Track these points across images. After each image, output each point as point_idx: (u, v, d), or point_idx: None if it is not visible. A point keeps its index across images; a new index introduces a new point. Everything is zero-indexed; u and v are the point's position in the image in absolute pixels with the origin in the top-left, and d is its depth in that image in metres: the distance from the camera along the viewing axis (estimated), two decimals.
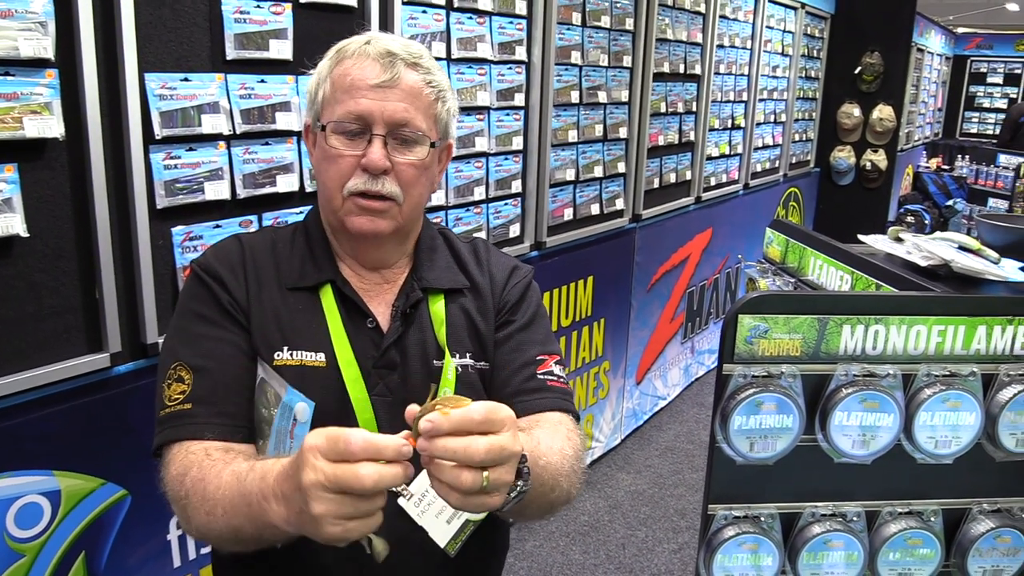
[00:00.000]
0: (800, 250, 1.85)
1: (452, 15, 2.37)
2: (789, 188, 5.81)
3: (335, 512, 0.80)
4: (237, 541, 0.98)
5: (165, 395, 1.11)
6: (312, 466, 0.80)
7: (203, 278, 1.16)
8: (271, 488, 0.88)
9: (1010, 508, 1.36)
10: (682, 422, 4.24)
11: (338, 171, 1.12)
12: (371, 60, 1.11)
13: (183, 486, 1.02)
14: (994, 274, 1.46)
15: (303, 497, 0.81)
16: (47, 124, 1.44)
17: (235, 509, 0.94)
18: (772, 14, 4.92)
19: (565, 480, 1.08)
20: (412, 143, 1.12)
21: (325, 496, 0.79)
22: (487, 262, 1.28)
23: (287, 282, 1.18)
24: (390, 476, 0.80)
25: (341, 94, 1.11)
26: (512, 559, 2.98)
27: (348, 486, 0.79)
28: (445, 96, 1.17)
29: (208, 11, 1.70)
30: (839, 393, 1.26)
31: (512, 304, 1.25)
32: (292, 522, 0.86)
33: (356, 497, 0.80)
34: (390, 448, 0.80)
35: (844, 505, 1.33)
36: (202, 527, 1.00)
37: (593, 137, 3.20)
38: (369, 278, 1.21)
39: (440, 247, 1.27)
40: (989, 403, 1.29)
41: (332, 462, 0.79)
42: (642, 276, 3.82)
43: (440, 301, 1.21)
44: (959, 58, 11.50)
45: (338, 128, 1.11)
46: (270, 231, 1.26)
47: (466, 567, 1.18)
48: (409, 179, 1.13)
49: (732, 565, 1.31)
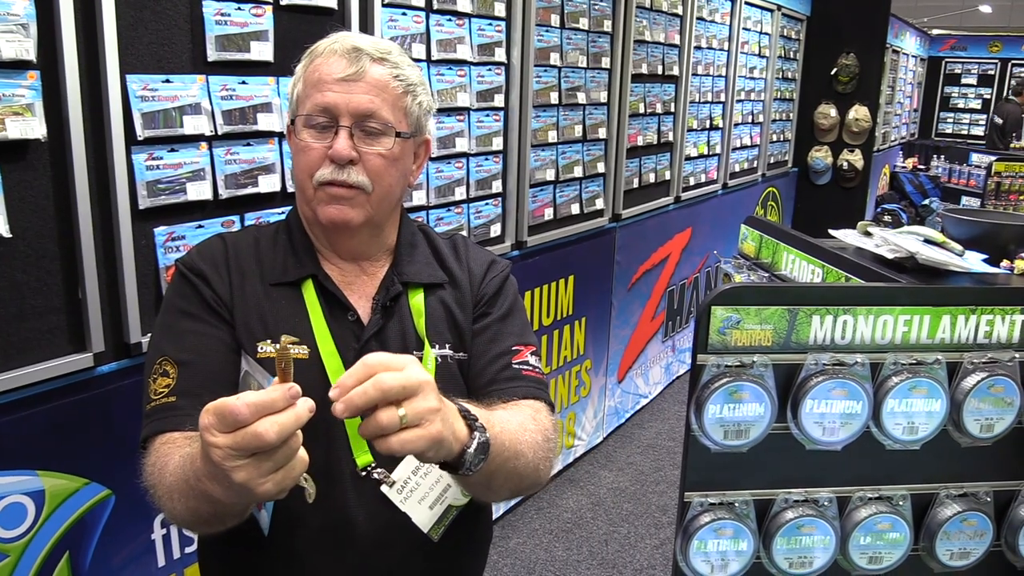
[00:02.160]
0: (773, 245, 1.89)
1: (432, 17, 2.39)
2: (767, 188, 5.87)
3: (257, 473, 0.81)
4: (200, 521, 1.01)
5: (151, 389, 1.13)
6: (212, 444, 0.81)
7: (187, 276, 1.19)
8: (201, 469, 0.89)
9: (976, 492, 1.40)
10: (663, 419, 4.28)
11: (307, 162, 1.15)
12: (338, 56, 1.14)
13: (152, 475, 1.05)
14: (958, 266, 1.50)
15: (222, 472, 0.82)
16: (29, 125, 1.45)
17: (184, 492, 0.97)
18: (749, 16, 4.98)
19: (529, 451, 1.10)
20: (378, 134, 1.15)
21: (239, 463, 0.81)
22: (466, 257, 1.31)
23: (270, 278, 1.20)
24: (291, 421, 0.81)
25: (310, 89, 1.15)
26: (496, 556, 3.01)
27: (254, 447, 0.80)
28: (415, 90, 1.20)
29: (189, 13, 1.72)
30: (810, 382, 1.29)
31: (490, 296, 1.28)
32: (230, 495, 0.87)
33: (269, 452, 0.81)
34: (279, 399, 0.81)
35: (816, 491, 1.37)
36: (170, 512, 1.03)
37: (573, 137, 3.23)
38: (350, 272, 1.23)
39: (420, 243, 1.29)
40: (954, 390, 1.34)
41: (228, 433, 0.80)
42: (622, 275, 3.86)
43: (419, 294, 1.23)
44: (934, 59, 11.66)
45: (307, 121, 1.15)
46: (253, 229, 1.29)
47: (450, 553, 1.21)
48: (376, 169, 1.15)
49: (708, 551, 1.34)
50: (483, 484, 1.06)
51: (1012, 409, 1.34)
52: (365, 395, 0.84)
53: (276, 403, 0.81)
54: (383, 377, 0.85)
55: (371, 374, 0.85)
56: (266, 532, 1.15)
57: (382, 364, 0.86)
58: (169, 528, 1.84)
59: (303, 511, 1.11)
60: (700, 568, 1.35)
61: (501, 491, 1.12)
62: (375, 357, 0.87)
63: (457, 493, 1.18)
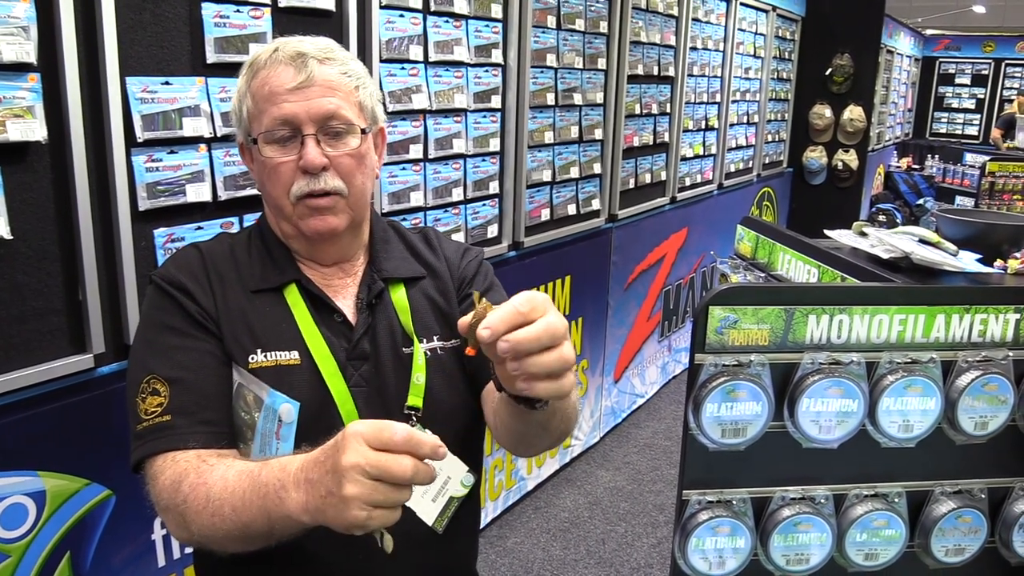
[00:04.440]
0: (770, 246, 1.90)
1: (429, 19, 2.40)
2: (763, 188, 5.89)
3: (366, 497, 0.82)
4: (245, 539, 0.99)
5: (140, 409, 1.11)
6: (355, 450, 0.82)
7: (167, 289, 1.16)
8: (292, 476, 0.90)
9: (970, 489, 1.42)
10: (660, 419, 4.29)
11: (280, 179, 1.14)
12: (283, 65, 1.13)
13: (179, 492, 1.02)
14: (952, 265, 1.52)
15: (336, 479, 0.83)
16: (30, 127, 1.46)
17: (246, 504, 0.95)
18: (744, 17, 5.00)
19: (574, 397, 1.12)
20: (343, 134, 1.15)
21: (361, 480, 0.82)
22: (440, 247, 1.32)
23: (250, 285, 1.19)
24: (424, 473, 0.84)
25: (263, 104, 1.13)
26: (494, 556, 3.02)
27: (390, 472, 0.82)
28: (364, 82, 1.19)
29: (188, 15, 1.73)
30: (806, 381, 1.31)
31: (469, 278, 1.29)
32: (310, 508, 0.87)
33: (389, 486, 0.83)
34: (427, 445, 0.84)
35: (813, 489, 1.38)
36: (205, 530, 1.00)
37: (569, 138, 3.24)
38: (330, 274, 1.23)
39: (393, 238, 1.30)
40: (949, 388, 1.35)
41: (375, 450, 0.82)
42: (619, 275, 3.87)
43: (401, 289, 1.24)
44: (928, 59, 11.70)
45: (269, 137, 1.13)
46: (226, 237, 1.27)
47: (450, 543, 1.22)
48: (349, 170, 1.15)
49: (706, 548, 1.35)
50: (543, 424, 1.06)
51: (1006, 407, 1.35)
52: (515, 345, 0.83)
53: (423, 447, 0.83)
54: (555, 323, 0.85)
55: (518, 324, 0.84)
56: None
57: (529, 314, 0.85)
58: None
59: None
60: (698, 566, 1.36)
61: (553, 434, 1.13)
62: (522, 301, 0.85)
63: (457, 484, 1.19)
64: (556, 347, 0.85)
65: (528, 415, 1.00)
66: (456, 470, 1.19)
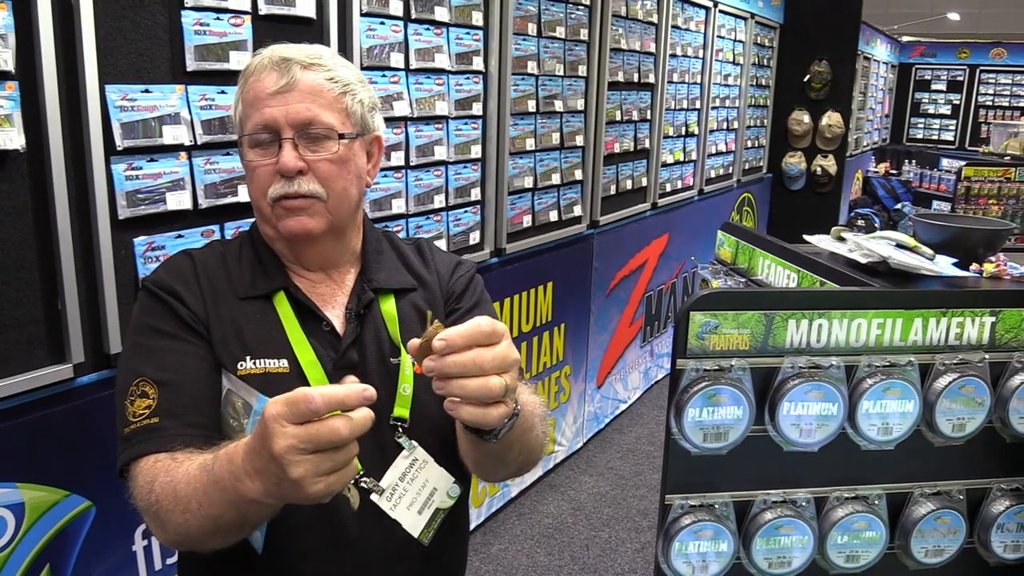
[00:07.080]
0: (750, 251, 1.92)
1: (410, 26, 2.41)
2: (743, 193, 5.94)
3: (314, 471, 0.82)
4: (219, 531, 0.98)
5: (128, 412, 1.10)
6: (280, 434, 0.81)
7: (158, 294, 1.16)
8: (240, 467, 0.88)
9: (949, 491, 1.44)
10: (643, 424, 4.31)
11: (259, 181, 1.15)
12: (268, 70, 1.14)
13: (152, 493, 1.02)
14: (929, 269, 1.54)
15: (278, 465, 0.82)
16: (8, 136, 1.45)
17: (210, 498, 0.94)
18: (723, 24, 5.04)
19: (540, 424, 1.13)
20: (322, 139, 1.15)
21: (301, 458, 0.81)
22: (432, 260, 1.32)
23: (240, 292, 1.19)
24: (359, 422, 0.82)
25: (249, 109, 1.15)
26: (478, 563, 3.01)
27: (326, 441, 0.81)
28: (354, 89, 1.19)
29: (168, 23, 1.72)
30: (786, 385, 1.32)
31: (458, 293, 1.30)
32: (272, 493, 0.86)
33: (331, 451, 0.82)
34: (352, 396, 0.82)
35: (794, 492, 1.39)
36: (180, 528, 0.99)
37: (550, 145, 3.26)
38: (319, 282, 1.23)
39: (386, 249, 1.30)
40: (926, 391, 1.37)
41: (299, 424, 0.81)
42: (601, 281, 3.89)
43: (391, 300, 1.24)
44: (904, 66, 11.85)
45: (251, 141, 1.15)
46: (218, 244, 1.27)
47: (437, 555, 1.22)
48: (327, 174, 1.15)
49: (689, 552, 1.36)
50: (498, 455, 1.07)
51: (982, 409, 1.38)
52: (461, 367, 0.86)
53: (348, 400, 0.82)
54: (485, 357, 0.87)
55: (475, 343, 0.87)
56: (260, 551, 1.13)
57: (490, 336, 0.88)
58: (150, 539, 1.83)
59: (297, 525, 1.11)
60: (681, 570, 1.37)
61: (511, 466, 1.14)
62: (486, 324, 0.88)
63: (443, 496, 1.19)
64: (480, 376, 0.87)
65: (481, 444, 1.01)
66: (442, 481, 1.19)
